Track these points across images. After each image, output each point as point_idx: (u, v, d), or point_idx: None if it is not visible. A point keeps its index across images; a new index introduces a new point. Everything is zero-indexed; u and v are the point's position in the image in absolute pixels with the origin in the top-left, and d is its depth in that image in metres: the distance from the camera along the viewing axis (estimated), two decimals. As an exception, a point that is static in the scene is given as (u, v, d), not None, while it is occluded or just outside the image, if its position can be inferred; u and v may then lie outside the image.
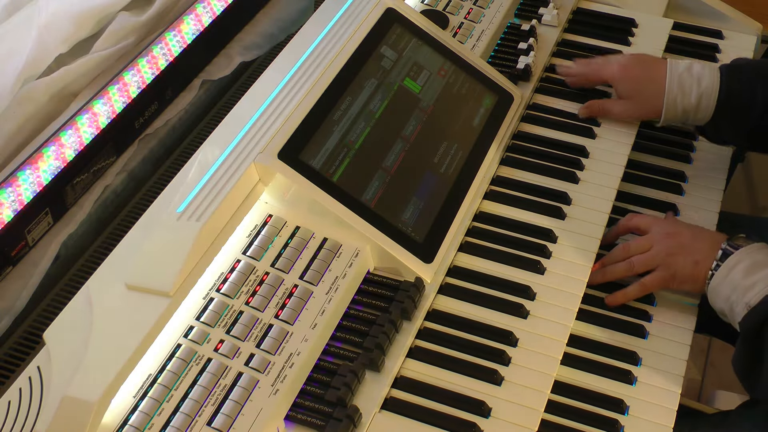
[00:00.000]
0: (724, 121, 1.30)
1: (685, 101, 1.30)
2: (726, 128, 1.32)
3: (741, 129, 1.31)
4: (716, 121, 1.30)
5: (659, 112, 1.32)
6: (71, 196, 1.24)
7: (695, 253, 1.15)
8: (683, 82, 1.30)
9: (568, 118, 1.40)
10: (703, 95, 1.29)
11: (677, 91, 1.30)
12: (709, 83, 1.29)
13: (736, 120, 1.30)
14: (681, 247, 1.16)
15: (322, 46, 1.26)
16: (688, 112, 1.31)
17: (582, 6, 1.62)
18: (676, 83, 1.30)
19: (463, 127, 1.30)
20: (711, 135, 1.35)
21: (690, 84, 1.29)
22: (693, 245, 1.16)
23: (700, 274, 1.14)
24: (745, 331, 1.07)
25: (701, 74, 1.30)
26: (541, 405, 1.04)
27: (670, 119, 1.33)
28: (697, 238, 1.17)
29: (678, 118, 1.33)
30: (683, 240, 1.17)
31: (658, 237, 1.18)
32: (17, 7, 1.29)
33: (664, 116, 1.32)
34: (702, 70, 1.30)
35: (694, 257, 1.15)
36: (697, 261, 1.14)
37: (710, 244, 1.14)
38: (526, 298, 1.15)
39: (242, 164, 1.11)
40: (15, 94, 1.20)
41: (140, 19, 1.36)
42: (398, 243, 1.13)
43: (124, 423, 0.93)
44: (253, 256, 1.09)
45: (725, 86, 1.28)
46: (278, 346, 1.01)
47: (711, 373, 2.14)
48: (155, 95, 1.35)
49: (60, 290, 1.21)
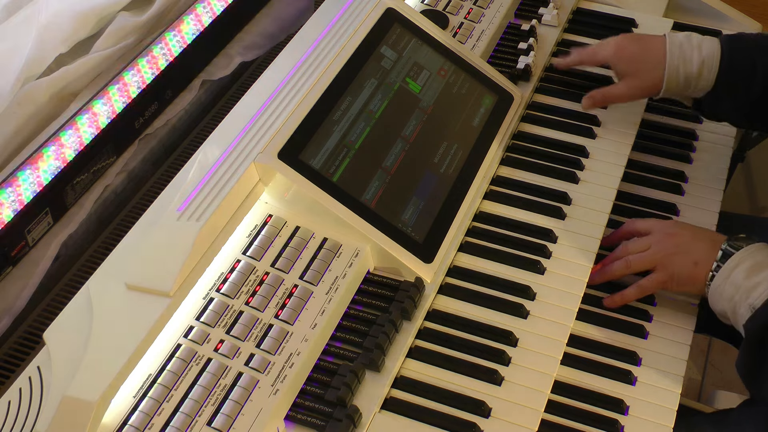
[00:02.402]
0: (724, 92, 1.28)
1: (687, 68, 1.27)
2: (725, 100, 1.29)
3: (740, 100, 1.28)
4: (717, 91, 1.28)
5: (660, 84, 1.29)
6: (71, 196, 1.24)
7: (694, 253, 1.14)
8: (684, 49, 1.27)
9: (568, 117, 1.40)
10: (705, 62, 1.26)
11: (678, 58, 1.27)
12: (710, 51, 1.26)
13: (736, 90, 1.27)
14: (680, 247, 1.15)
15: (322, 46, 1.26)
16: (690, 80, 1.28)
17: (582, 6, 1.62)
18: (677, 51, 1.28)
19: (463, 127, 1.30)
20: (708, 108, 1.32)
21: (691, 51, 1.27)
22: (692, 245, 1.15)
23: (699, 275, 1.13)
24: (749, 333, 1.06)
25: (701, 42, 1.28)
26: (541, 405, 1.04)
27: (671, 89, 1.30)
28: (696, 238, 1.16)
29: (680, 87, 1.30)
30: (682, 240, 1.16)
31: (658, 237, 1.17)
32: (17, 7, 1.29)
33: (666, 86, 1.29)
34: (701, 39, 1.28)
35: (694, 258, 1.14)
36: (696, 262, 1.13)
37: (710, 245, 1.13)
38: (526, 298, 1.15)
39: (242, 164, 1.11)
40: (15, 94, 1.20)
41: (140, 19, 1.36)
42: (398, 243, 1.13)
43: (124, 423, 0.93)
44: (253, 256, 1.09)
45: (726, 54, 1.26)
46: (278, 346, 1.01)
47: (711, 373, 2.14)
48: (155, 95, 1.35)
49: (60, 290, 1.21)
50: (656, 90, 1.32)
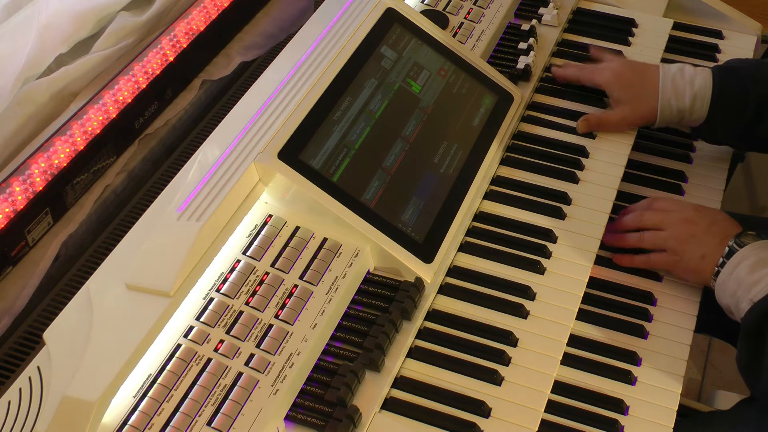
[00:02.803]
0: (718, 122, 1.31)
1: (679, 102, 1.31)
2: (720, 128, 1.32)
3: (735, 129, 1.31)
4: (711, 121, 1.31)
5: (655, 114, 1.33)
6: (71, 196, 1.24)
7: (704, 246, 1.16)
8: (676, 83, 1.31)
9: (568, 118, 1.40)
10: (697, 96, 1.30)
11: (671, 92, 1.31)
12: (701, 84, 1.30)
13: (729, 120, 1.31)
14: (693, 237, 1.17)
15: (322, 46, 1.26)
16: (683, 112, 1.32)
17: (582, 6, 1.62)
18: (670, 85, 1.31)
19: (463, 127, 1.30)
20: (707, 136, 1.36)
21: (683, 86, 1.30)
22: (704, 238, 1.17)
23: (705, 269, 1.15)
24: (747, 325, 1.07)
25: (693, 76, 1.31)
26: (541, 405, 1.04)
27: (666, 120, 1.34)
28: (710, 231, 1.17)
29: (674, 118, 1.33)
30: (697, 230, 1.18)
31: (675, 220, 1.20)
32: (17, 7, 1.29)
33: (660, 117, 1.33)
34: (694, 72, 1.31)
35: (703, 250, 1.16)
36: (704, 255, 1.16)
37: (720, 240, 1.15)
38: (526, 298, 1.15)
39: (242, 164, 1.11)
40: (15, 94, 1.20)
41: (140, 19, 1.36)
42: (398, 243, 1.13)
43: (124, 423, 0.93)
44: (253, 256, 1.09)
45: (718, 87, 1.29)
46: (278, 346, 1.01)
47: (711, 373, 2.14)
48: (155, 95, 1.35)
49: (60, 290, 1.21)
50: (650, 120, 1.35)
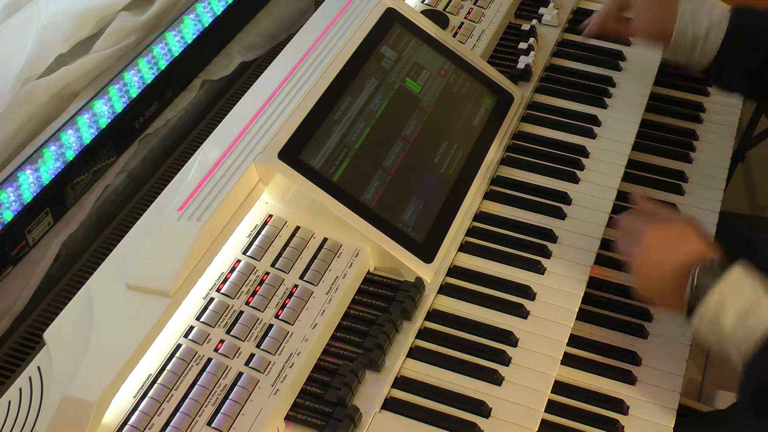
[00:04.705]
0: (729, 60, 1.30)
1: (695, 30, 1.30)
2: (730, 68, 1.31)
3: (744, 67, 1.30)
4: (722, 58, 1.30)
5: (669, 36, 1.32)
6: (71, 196, 1.24)
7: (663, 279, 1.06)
8: (696, 11, 1.31)
9: (568, 117, 1.40)
10: (713, 27, 1.29)
11: (689, 18, 1.31)
12: (719, 16, 1.30)
13: (740, 59, 1.30)
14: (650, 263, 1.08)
15: (323, 46, 1.26)
16: (696, 42, 1.30)
17: (582, 6, 1.62)
18: (689, 11, 1.31)
19: (463, 127, 1.30)
20: (715, 77, 1.34)
21: (701, 15, 1.30)
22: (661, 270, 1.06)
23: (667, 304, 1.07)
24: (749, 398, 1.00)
25: (713, 8, 1.31)
26: (541, 405, 1.04)
27: (679, 47, 1.32)
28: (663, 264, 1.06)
29: (686, 47, 1.32)
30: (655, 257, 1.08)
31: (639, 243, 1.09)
32: (17, 7, 1.29)
33: (673, 42, 1.32)
34: (714, 6, 1.32)
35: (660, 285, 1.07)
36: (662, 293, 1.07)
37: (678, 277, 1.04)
38: (526, 298, 1.15)
39: (242, 164, 1.11)
40: (15, 94, 1.20)
41: (140, 19, 1.36)
42: (398, 243, 1.13)
43: (124, 423, 0.93)
44: (253, 256, 1.09)
45: (735, 22, 1.29)
46: (278, 346, 1.01)
47: (711, 373, 2.14)
48: (155, 95, 1.35)
49: (60, 290, 1.21)
50: (663, 40, 1.33)
